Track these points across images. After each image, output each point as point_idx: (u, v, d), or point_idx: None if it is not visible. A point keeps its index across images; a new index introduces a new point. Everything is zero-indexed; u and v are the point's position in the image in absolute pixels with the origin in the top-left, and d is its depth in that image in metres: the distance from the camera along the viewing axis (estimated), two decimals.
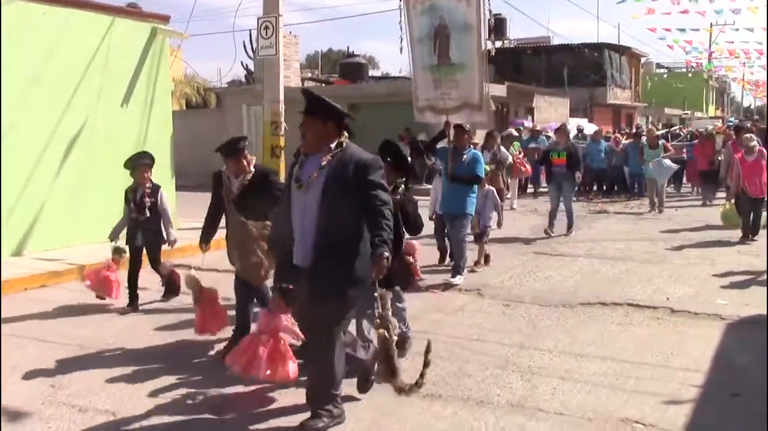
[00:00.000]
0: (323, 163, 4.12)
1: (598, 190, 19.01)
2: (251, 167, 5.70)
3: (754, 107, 77.35)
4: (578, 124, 23.51)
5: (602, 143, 18.75)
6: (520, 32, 46.64)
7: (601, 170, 18.58)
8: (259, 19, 10.45)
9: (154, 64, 11.41)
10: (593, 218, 13.96)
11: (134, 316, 7.07)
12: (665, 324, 6.56)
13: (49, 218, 9.87)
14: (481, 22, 7.94)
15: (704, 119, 38.64)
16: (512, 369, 5.35)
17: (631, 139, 18.70)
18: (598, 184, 19.17)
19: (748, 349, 5.78)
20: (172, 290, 7.47)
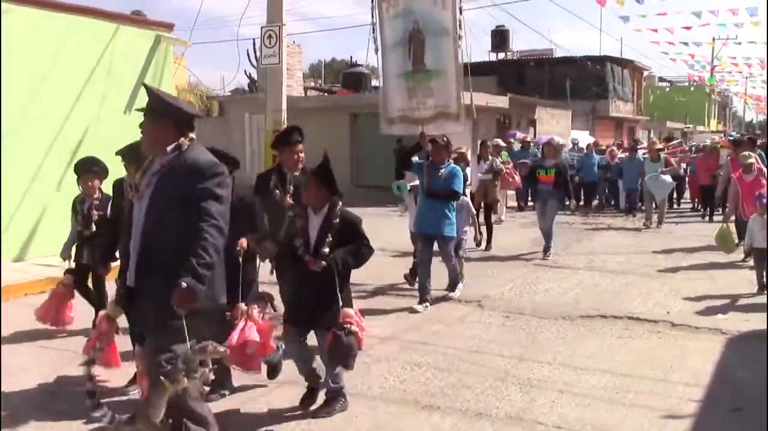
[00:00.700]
0: (156, 169, 3.58)
1: (587, 204, 18.19)
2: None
3: (756, 122, 77.52)
4: (573, 137, 23.30)
5: (595, 157, 18.20)
6: (523, 44, 47.01)
7: (593, 184, 18.06)
8: (262, 28, 10.48)
9: (157, 71, 11.45)
10: (593, 232, 13.95)
11: None
12: (665, 337, 6.55)
13: (50, 225, 9.86)
14: (457, 25, 7.59)
15: (706, 133, 38.71)
16: (511, 381, 5.33)
17: (626, 153, 17.99)
18: (588, 198, 18.42)
19: (748, 364, 5.76)
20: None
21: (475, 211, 9.54)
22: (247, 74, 27.03)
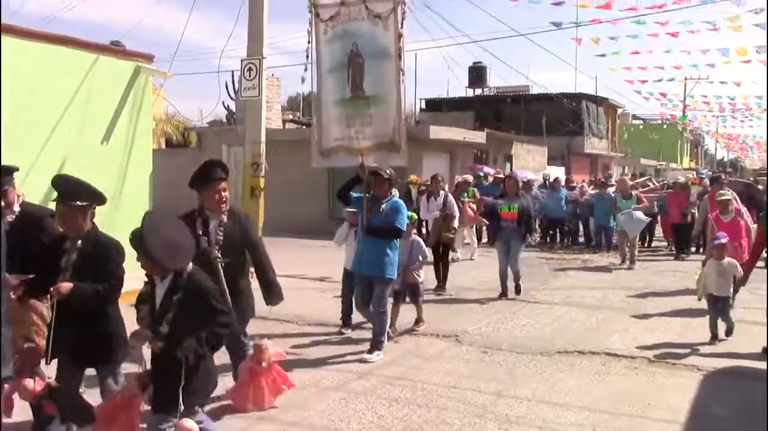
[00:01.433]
0: None
1: (552, 240, 18.14)
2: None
3: (727, 160, 79.04)
4: (545, 173, 23.24)
5: (562, 191, 17.87)
6: (500, 81, 47.43)
7: (559, 220, 17.98)
8: (242, 60, 10.51)
9: (136, 102, 11.40)
10: (568, 268, 14.01)
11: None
12: (643, 373, 6.56)
13: None
14: (400, 50, 7.01)
15: (678, 170, 39.28)
16: (490, 417, 5.30)
17: (597, 189, 17.61)
18: (553, 234, 18.38)
19: (725, 400, 5.79)
20: None
21: (428, 250, 8.78)
22: (225, 106, 27.06)
